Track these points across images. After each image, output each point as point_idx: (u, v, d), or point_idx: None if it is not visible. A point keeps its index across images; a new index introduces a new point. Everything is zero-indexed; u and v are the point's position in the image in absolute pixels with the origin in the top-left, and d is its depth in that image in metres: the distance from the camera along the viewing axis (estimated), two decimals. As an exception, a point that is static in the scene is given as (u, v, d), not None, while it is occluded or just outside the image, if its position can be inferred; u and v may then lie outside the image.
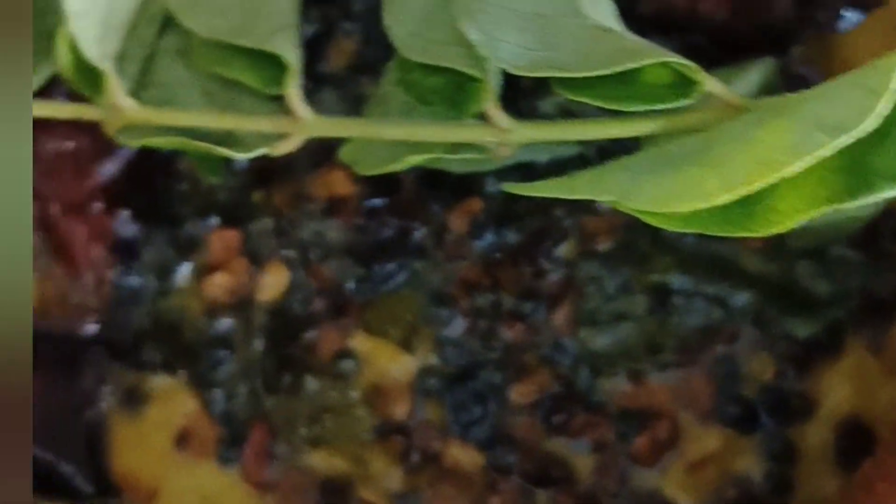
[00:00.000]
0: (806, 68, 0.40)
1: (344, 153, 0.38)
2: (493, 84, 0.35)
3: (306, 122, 0.37)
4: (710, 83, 0.33)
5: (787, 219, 0.30)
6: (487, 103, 0.35)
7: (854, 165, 0.29)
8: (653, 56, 0.33)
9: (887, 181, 0.29)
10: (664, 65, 0.33)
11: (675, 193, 0.30)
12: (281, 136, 0.37)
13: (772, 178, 0.29)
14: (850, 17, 0.40)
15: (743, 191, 0.29)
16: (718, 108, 0.33)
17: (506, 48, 0.35)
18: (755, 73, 0.38)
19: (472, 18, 0.36)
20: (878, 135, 0.28)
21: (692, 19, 0.40)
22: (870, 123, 0.28)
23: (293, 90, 0.36)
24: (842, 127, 0.28)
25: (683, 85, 0.33)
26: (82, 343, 0.40)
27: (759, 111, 0.31)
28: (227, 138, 0.38)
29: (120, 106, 0.38)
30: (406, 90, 0.37)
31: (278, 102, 0.39)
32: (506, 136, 0.35)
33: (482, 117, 0.35)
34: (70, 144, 0.42)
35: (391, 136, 0.36)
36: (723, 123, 0.32)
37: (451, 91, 0.36)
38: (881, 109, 0.28)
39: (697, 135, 0.32)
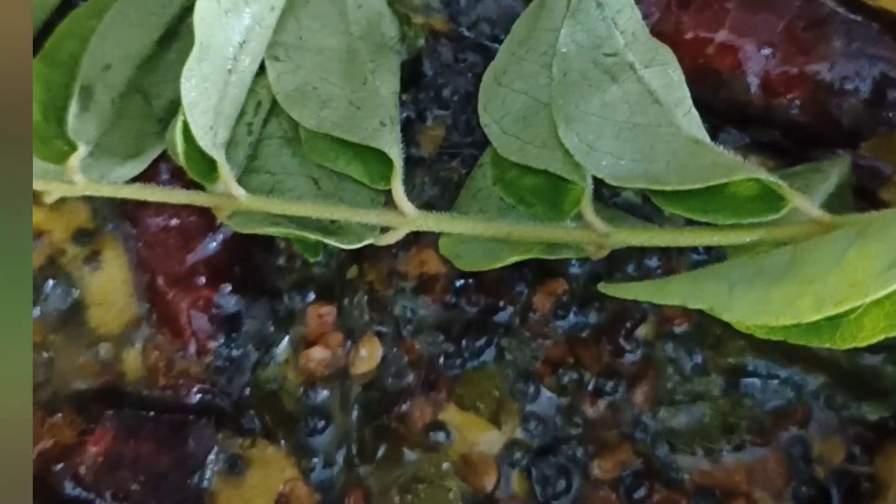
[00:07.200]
0: (876, 161, 0.42)
1: (444, 247, 0.40)
2: (589, 189, 0.37)
3: (411, 217, 0.39)
4: (797, 199, 0.35)
5: (871, 335, 0.32)
6: (584, 207, 0.37)
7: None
8: (743, 172, 0.35)
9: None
10: (753, 180, 0.35)
11: (768, 309, 0.32)
12: (385, 228, 0.39)
13: (861, 301, 0.31)
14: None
15: (834, 311, 0.31)
16: (806, 224, 0.35)
17: (602, 157, 0.37)
18: (834, 174, 0.39)
19: (570, 126, 0.38)
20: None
21: (767, 115, 0.42)
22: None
23: (398, 186, 0.39)
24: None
25: (771, 199, 0.35)
26: (189, 410, 0.42)
27: (847, 228, 0.33)
28: (331, 226, 0.41)
29: (233, 195, 0.40)
30: (504, 190, 0.39)
31: (381, 193, 0.41)
32: (603, 240, 0.37)
33: (578, 217, 0.38)
34: (175, 221, 0.44)
35: (493, 234, 0.38)
36: (812, 238, 0.34)
37: (548, 192, 0.38)
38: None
39: (786, 248, 0.34)
